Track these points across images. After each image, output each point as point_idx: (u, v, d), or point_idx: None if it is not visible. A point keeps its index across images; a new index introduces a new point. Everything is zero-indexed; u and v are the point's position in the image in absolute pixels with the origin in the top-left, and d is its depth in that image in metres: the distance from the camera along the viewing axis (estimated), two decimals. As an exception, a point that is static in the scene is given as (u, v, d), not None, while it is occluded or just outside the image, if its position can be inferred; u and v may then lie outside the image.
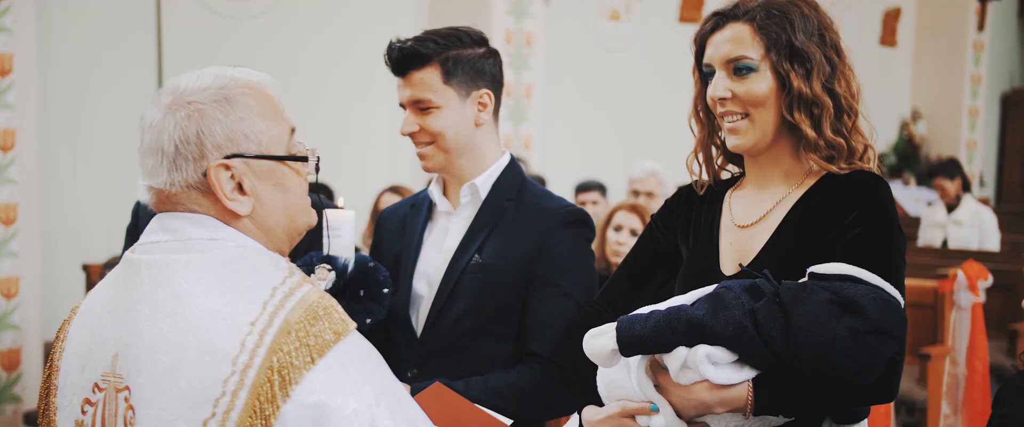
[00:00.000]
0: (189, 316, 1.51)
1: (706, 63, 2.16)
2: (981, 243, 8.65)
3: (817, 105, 2.10)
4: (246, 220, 1.63)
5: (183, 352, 1.50)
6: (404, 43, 2.50)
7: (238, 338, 1.49)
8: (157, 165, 1.60)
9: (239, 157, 1.60)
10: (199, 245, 1.58)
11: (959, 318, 5.72)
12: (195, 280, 1.54)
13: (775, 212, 2.16)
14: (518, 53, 8.08)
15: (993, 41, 13.83)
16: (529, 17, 8.05)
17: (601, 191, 6.82)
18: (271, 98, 1.68)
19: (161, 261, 1.57)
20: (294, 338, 1.49)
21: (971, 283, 5.68)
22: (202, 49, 6.59)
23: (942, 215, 8.89)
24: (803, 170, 2.18)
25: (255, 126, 1.62)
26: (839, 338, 1.81)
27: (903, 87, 13.63)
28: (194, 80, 1.64)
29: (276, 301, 1.52)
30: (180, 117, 1.59)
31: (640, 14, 9.73)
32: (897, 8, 13.23)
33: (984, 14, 13.46)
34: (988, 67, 13.76)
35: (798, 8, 2.11)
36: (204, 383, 1.48)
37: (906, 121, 13.54)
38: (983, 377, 5.72)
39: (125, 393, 1.55)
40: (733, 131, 2.14)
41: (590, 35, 9.37)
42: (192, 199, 1.61)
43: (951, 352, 5.74)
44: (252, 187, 1.62)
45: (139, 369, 1.53)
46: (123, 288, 1.61)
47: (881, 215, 2.05)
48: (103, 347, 1.60)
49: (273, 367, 1.47)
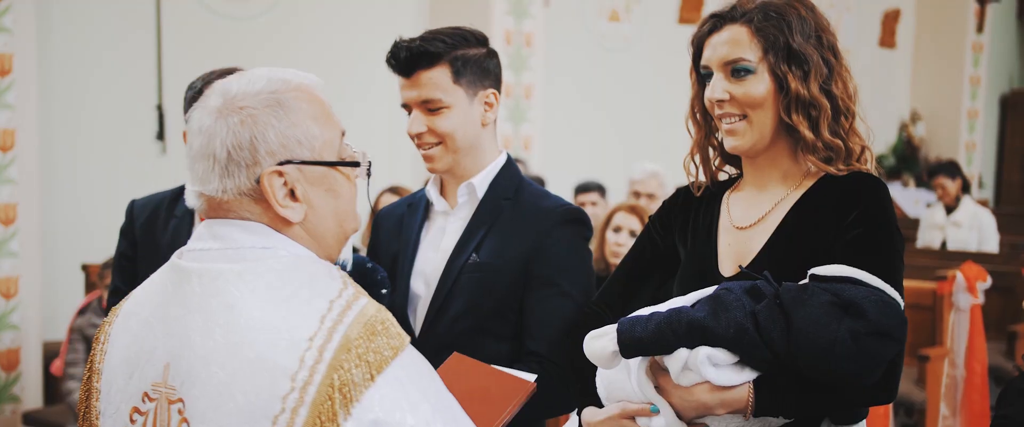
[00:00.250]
0: (243, 328, 1.49)
1: (704, 65, 2.17)
2: (980, 245, 8.66)
3: (815, 107, 2.10)
4: (297, 227, 1.60)
5: (239, 366, 1.47)
6: (412, 43, 2.48)
7: (297, 354, 1.46)
8: (208, 171, 1.56)
9: (292, 163, 1.57)
10: (251, 254, 1.55)
11: (958, 320, 5.73)
12: (249, 291, 1.51)
13: (773, 213, 2.17)
14: (518, 53, 8.09)
15: (992, 43, 13.84)
16: (529, 18, 8.06)
17: (600, 192, 6.82)
18: (322, 101, 1.65)
19: (213, 270, 1.54)
20: (354, 355, 1.46)
21: (970, 285, 5.69)
22: (202, 49, 6.60)
23: (941, 217, 8.90)
24: (801, 171, 2.18)
25: (308, 131, 1.59)
26: (840, 340, 1.82)
27: (902, 88, 13.64)
28: (245, 83, 1.60)
29: (334, 315, 1.50)
30: (233, 122, 1.55)
31: (640, 15, 9.73)
32: (896, 9, 13.24)
33: (983, 16, 13.47)
34: (987, 69, 13.76)
35: (795, 9, 2.11)
36: (261, 398, 1.45)
37: (905, 122, 13.54)
38: (982, 378, 5.73)
39: (178, 405, 1.52)
40: (731, 132, 2.14)
41: (590, 36, 9.37)
42: (243, 206, 1.58)
43: (950, 353, 5.75)
44: (304, 193, 1.59)
45: (193, 381, 1.51)
46: (173, 296, 1.58)
47: (880, 216, 2.06)
48: (153, 356, 1.57)
49: (334, 385, 1.44)
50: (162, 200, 3.11)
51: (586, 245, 2.61)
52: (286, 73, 1.65)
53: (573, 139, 9.00)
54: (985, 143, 14.21)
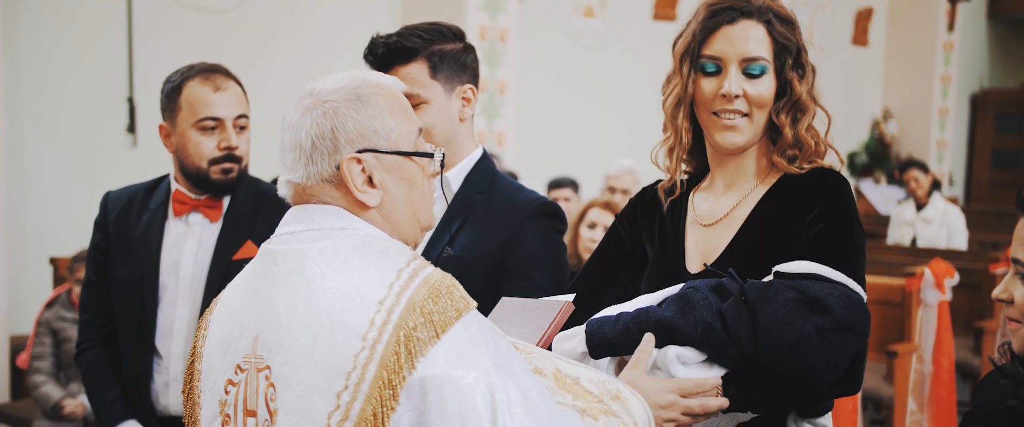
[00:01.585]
0: (321, 299, 1.61)
1: (714, 56, 2.12)
2: (949, 242, 8.74)
3: (803, 109, 2.14)
4: (374, 211, 1.73)
5: (317, 331, 1.60)
6: (389, 38, 2.49)
7: (367, 316, 1.58)
8: (296, 161, 1.72)
9: (370, 152, 1.71)
10: (330, 234, 1.69)
11: (926, 316, 5.79)
12: (327, 266, 1.64)
13: (738, 210, 2.18)
14: (492, 49, 8.09)
15: (962, 42, 13.96)
16: (503, 13, 8.06)
17: (573, 187, 6.84)
18: (401, 98, 1.78)
19: (296, 250, 1.68)
20: (419, 314, 1.58)
21: (938, 281, 5.75)
22: (174, 43, 6.55)
23: (911, 213, 8.97)
24: (766, 168, 2.20)
25: (385, 123, 1.72)
26: (806, 337, 1.84)
27: (875, 86, 13.74)
28: (330, 82, 1.75)
29: (402, 282, 1.62)
30: (316, 115, 1.70)
31: (614, 11, 9.75)
32: (869, 8, 13.33)
33: (954, 15, 13.59)
34: (958, 67, 13.89)
35: (792, 14, 2.16)
36: (337, 358, 1.58)
37: (877, 120, 13.64)
38: (949, 374, 5.79)
39: (266, 372, 1.66)
40: (731, 128, 2.13)
41: (564, 31, 9.38)
42: (325, 192, 1.72)
43: (918, 349, 5.80)
44: (381, 180, 1.72)
45: (278, 349, 1.64)
46: (262, 276, 1.72)
47: (842, 211, 2.08)
48: (244, 331, 1.71)
49: (400, 341, 1.56)
50: (136, 192, 3.10)
51: (560, 238, 2.62)
52: (368, 73, 1.79)
53: (547, 135, 9.01)
54: (955, 141, 14.33)
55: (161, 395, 2.99)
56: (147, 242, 3.00)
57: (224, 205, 3.04)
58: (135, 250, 3.01)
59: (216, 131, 2.94)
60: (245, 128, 3.01)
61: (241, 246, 3.00)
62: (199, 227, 3.02)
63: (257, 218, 3.04)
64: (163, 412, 3.00)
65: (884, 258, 7.77)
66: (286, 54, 7.24)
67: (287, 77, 7.20)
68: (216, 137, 2.94)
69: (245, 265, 2.89)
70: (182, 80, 2.95)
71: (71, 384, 5.02)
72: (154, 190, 3.09)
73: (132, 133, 6.50)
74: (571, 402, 1.74)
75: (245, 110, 3.00)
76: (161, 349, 2.98)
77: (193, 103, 2.92)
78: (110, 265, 3.04)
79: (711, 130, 2.17)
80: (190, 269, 2.99)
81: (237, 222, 3.03)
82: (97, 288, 3.08)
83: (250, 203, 3.06)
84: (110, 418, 3.01)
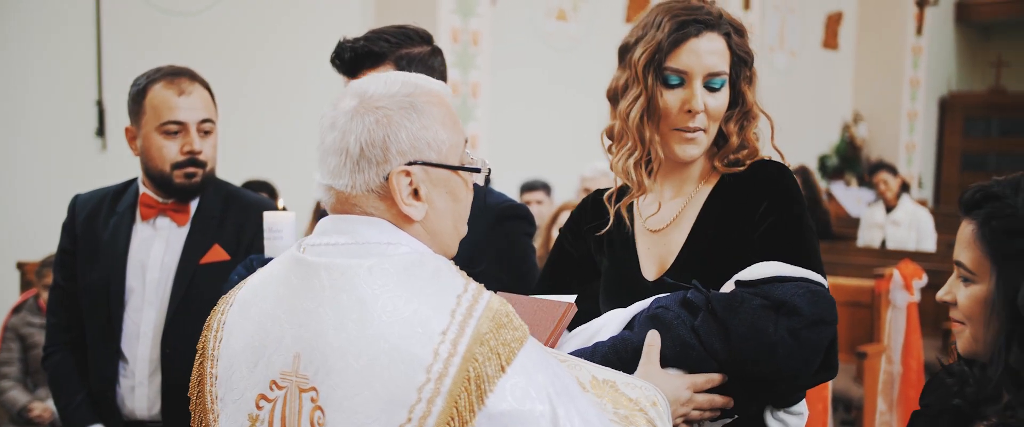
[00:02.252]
0: (377, 322, 1.55)
1: (680, 69, 2.10)
2: (918, 243, 8.81)
3: (752, 118, 2.18)
4: (417, 225, 1.68)
5: (375, 357, 1.53)
6: (356, 42, 2.49)
7: (431, 347, 1.52)
8: (340, 166, 1.64)
9: (419, 164, 1.65)
10: (377, 249, 1.63)
11: (895, 317, 5.82)
12: (380, 286, 1.58)
13: (686, 213, 2.19)
14: (465, 52, 8.08)
15: (931, 46, 14.08)
16: (475, 16, 8.06)
17: (546, 190, 6.85)
18: (450, 107, 1.72)
19: (341, 265, 1.61)
20: (487, 348, 1.54)
21: (906, 282, 5.79)
22: (143, 44, 6.51)
23: (881, 216, 9.04)
24: (708, 170, 2.22)
25: (437, 135, 1.66)
26: (781, 341, 1.85)
27: (845, 89, 13.83)
28: (382, 85, 1.67)
29: (463, 309, 1.57)
30: (368, 121, 1.63)
31: (587, 14, 9.77)
32: (839, 12, 13.42)
33: (922, 19, 13.70)
34: (926, 71, 14.00)
35: (742, 23, 2.17)
36: (399, 389, 1.52)
37: (848, 123, 13.73)
38: (918, 375, 5.83)
39: (311, 394, 1.59)
40: (692, 142, 2.13)
41: (537, 34, 9.38)
42: (369, 202, 1.66)
43: (887, 350, 5.84)
44: (427, 194, 1.67)
45: (327, 371, 1.57)
46: (301, 289, 1.64)
47: (788, 202, 2.10)
48: (280, 345, 1.63)
49: (470, 377, 1.52)
50: (105, 196, 3.09)
51: (529, 241, 2.63)
52: (420, 78, 1.72)
53: (520, 138, 9.01)
54: (924, 144, 14.45)
55: (127, 399, 2.97)
56: (114, 246, 2.99)
57: (192, 209, 3.03)
58: (102, 254, 2.99)
59: (180, 135, 2.93)
60: (211, 132, 2.99)
61: (208, 250, 2.99)
62: (166, 231, 3.01)
63: (225, 222, 3.04)
64: (129, 416, 2.99)
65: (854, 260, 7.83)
66: (258, 57, 7.21)
67: (259, 80, 7.18)
68: (179, 141, 2.93)
69: (213, 269, 2.94)
70: (147, 83, 2.94)
71: (39, 389, 4.98)
72: (122, 194, 3.08)
73: (101, 136, 6.45)
74: (613, 411, 1.73)
75: (211, 114, 2.98)
76: (127, 353, 2.97)
77: (157, 107, 2.91)
78: (78, 268, 3.03)
79: (671, 142, 2.14)
80: (157, 273, 2.98)
81: (205, 226, 3.02)
82: (64, 292, 3.06)
83: (218, 207, 3.05)
84: (76, 421, 3.00)
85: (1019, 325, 1.73)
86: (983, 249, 1.78)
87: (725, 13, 2.15)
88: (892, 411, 5.75)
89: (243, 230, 3.03)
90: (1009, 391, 1.75)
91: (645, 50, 2.10)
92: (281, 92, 7.33)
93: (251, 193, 3.25)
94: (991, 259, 1.77)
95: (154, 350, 2.95)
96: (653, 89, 2.11)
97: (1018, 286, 1.72)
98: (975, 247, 1.80)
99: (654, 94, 2.11)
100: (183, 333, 2.90)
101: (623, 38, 2.21)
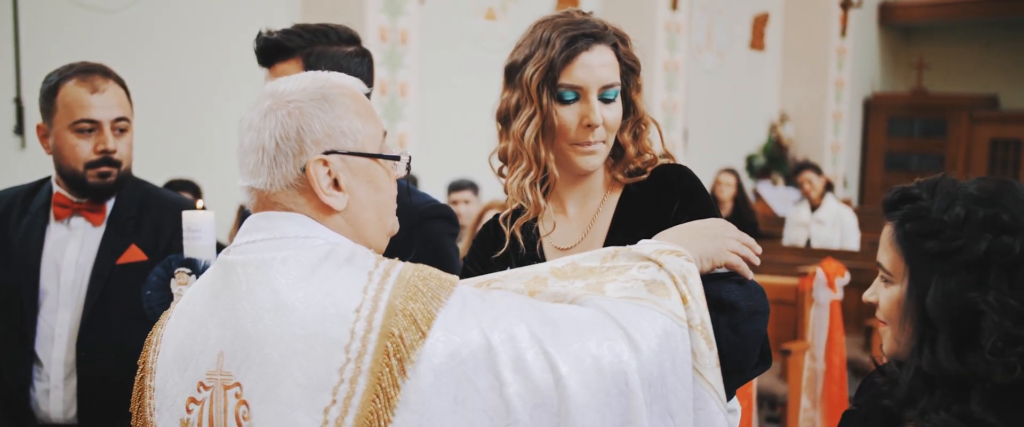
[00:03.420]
0: (292, 310, 1.55)
1: (575, 85, 2.08)
2: (842, 242, 8.95)
3: (645, 125, 2.19)
4: (339, 217, 1.68)
5: (292, 345, 1.54)
6: (271, 35, 2.51)
7: (347, 327, 1.53)
8: (258, 164, 1.66)
9: (336, 153, 1.65)
10: (295, 242, 1.63)
11: (818, 315, 5.90)
12: (295, 276, 1.58)
13: (596, 227, 2.20)
14: (393, 51, 8.03)
15: (855, 47, 14.34)
16: (404, 15, 8.01)
17: (474, 190, 6.84)
18: (365, 100, 1.74)
19: (257, 260, 1.62)
20: (402, 317, 1.53)
21: (829, 281, 5.87)
22: (63, 42, 6.36)
23: (806, 215, 9.17)
24: (610, 182, 2.22)
25: (352, 124, 1.67)
26: (724, 338, 1.85)
27: (772, 90, 14.01)
28: (294, 83, 1.69)
29: (375, 285, 1.57)
30: (281, 115, 1.64)
31: (516, 14, 9.77)
32: (765, 13, 13.60)
33: (846, 21, 13.94)
34: (851, 72, 14.25)
35: (623, 31, 2.17)
36: (319, 373, 1.52)
37: (774, 123, 13.91)
38: (840, 372, 5.91)
39: (236, 389, 1.59)
40: (593, 153, 2.13)
41: (466, 34, 9.37)
42: (289, 197, 1.66)
43: (810, 348, 5.92)
44: (347, 183, 1.67)
45: (249, 365, 1.57)
46: (222, 289, 1.65)
47: (700, 200, 2.13)
48: (206, 346, 1.64)
49: (388, 351, 1.51)
50: (17, 195, 3.02)
51: (453, 241, 2.64)
52: (331, 74, 1.74)
53: (449, 137, 8.99)
54: (849, 144, 14.70)
55: (42, 402, 2.91)
56: (27, 246, 2.92)
57: (108, 208, 2.97)
58: (15, 254, 2.92)
59: (93, 134, 2.87)
60: (126, 131, 2.93)
61: (125, 250, 2.94)
62: (81, 231, 2.95)
63: (143, 221, 2.98)
64: (44, 419, 2.92)
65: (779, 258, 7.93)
66: (181, 55, 7.09)
67: (183, 78, 7.06)
68: (93, 140, 2.87)
69: (129, 269, 2.88)
70: (59, 80, 2.87)
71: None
72: (36, 192, 3.01)
73: (20, 135, 6.30)
74: (582, 286, 1.71)
75: (126, 112, 2.93)
76: (41, 356, 2.90)
77: (69, 104, 2.84)
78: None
79: (571, 156, 2.13)
80: (72, 274, 2.92)
81: (121, 226, 2.96)
82: None
83: (135, 206, 2.99)
84: (-13, 427, 2.93)
85: (929, 328, 1.73)
86: (898, 250, 1.79)
87: (609, 24, 2.15)
88: (816, 408, 5.83)
89: (161, 230, 2.98)
90: (922, 394, 1.75)
91: (537, 68, 2.08)
92: (205, 90, 7.22)
93: (170, 192, 3.20)
94: (905, 260, 1.78)
95: (69, 353, 2.89)
96: (548, 107, 2.09)
97: (928, 288, 1.73)
98: (892, 248, 1.81)
99: (549, 112, 2.09)
100: (99, 335, 2.85)
101: (509, 57, 2.18)
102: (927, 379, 1.74)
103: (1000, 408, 1.68)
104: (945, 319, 1.71)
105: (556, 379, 1.53)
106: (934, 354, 1.72)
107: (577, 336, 1.57)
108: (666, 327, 1.64)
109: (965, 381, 1.71)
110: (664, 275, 1.71)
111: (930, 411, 1.73)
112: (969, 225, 1.72)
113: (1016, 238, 1.70)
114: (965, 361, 1.70)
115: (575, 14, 2.14)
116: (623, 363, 1.57)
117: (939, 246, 1.73)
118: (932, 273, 1.73)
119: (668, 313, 1.66)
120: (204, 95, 7.23)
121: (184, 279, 2.41)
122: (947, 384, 1.73)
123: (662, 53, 10.45)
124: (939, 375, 1.72)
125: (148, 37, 6.90)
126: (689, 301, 1.69)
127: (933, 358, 1.72)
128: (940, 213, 1.75)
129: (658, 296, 1.68)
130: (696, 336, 1.69)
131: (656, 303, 1.67)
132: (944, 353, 1.71)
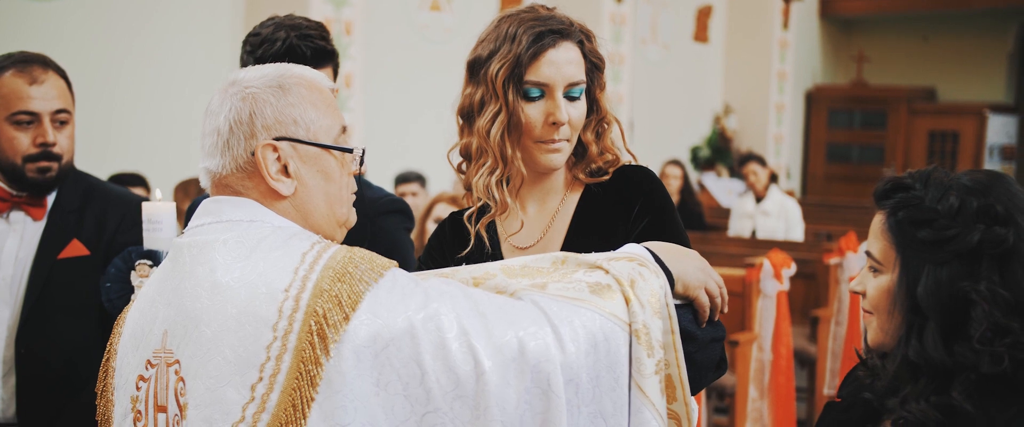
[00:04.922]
0: (226, 288, 1.58)
1: (541, 82, 2.05)
2: (787, 233, 9.03)
3: (608, 124, 2.17)
4: (287, 203, 1.70)
5: (223, 322, 1.57)
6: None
7: (275, 306, 1.55)
8: (213, 146, 1.70)
9: (287, 140, 1.68)
10: (239, 226, 1.66)
11: (765, 305, 5.95)
12: (233, 257, 1.61)
13: (555, 227, 2.17)
14: (337, 42, 7.89)
15: (797, 40, 14.51)
16: (348, 6, 7.93)
17: (420, 182, 6.81)
18: (326, 93, 1.76)
19: (201, 241, 1.66)
20: (327, 298, 1.54)
21: (776, 271, 5.91)
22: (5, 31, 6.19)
23: (751, 206, 9.23)
24: (570, 181, 2.20)
25: (305, 113, 1.70)
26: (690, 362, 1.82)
27: (716, 82, 14.12)
28: (255, 71, 1.73)
29: (306, 266, 1.59)
30: (235, 100, 1.69)
31: (461, 5, 9.73)
32: (709, 6, 13.69)
33: (788, 14, 14.10)
34: (793, 64, 14.42)
35: (588, 28, 2.14)
36: (248, 350, 1.55)
37: (718, 115, 14.03)
38: (787, 362, 5.97)
39: (175, 366, 1.63)
40: (557, 151, 2.10)
41: (411, 25, 9.31)
42: (239, 181, 1.69)
43: (758, 338, 5.96)
44: (297, 170, 1.69)
45: (186, 342, 1.61)
46: (171, 271, 1.69)
47: (661, 203, 2.12)
48: (154, 326, 1.68)
49: (312, 330, 1.53)
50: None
51: (408, 235, 2.64)
52: (295, 66, 1.78)
53: (395, 129, 8.93)
54: (791, 135, 14.88)
55: (-17, 399, 2.83)
56: None
57: (49, 202, 2.89)
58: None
59: (32, 126, 2.79)
60: (67, 123, 2.85)
61: (67, 245, 2.86)
62: (21, 225, 2.87)
63: (85, 215, 2.91)
64: (-13, 416, 2.85)
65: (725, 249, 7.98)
66: (122, 46, 6.95)
67: (124, 70, 6.93)
68: (32, 132, 2.78)
69: (71, 264, 2.81)
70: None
71: None
72: None
73: (-48, 127, 6.14)
74: (527, 283, 1.69)
75: (67, 104, 2.84)
76: (-19, 352, 2.82)
77: (6, 96, 2.76)
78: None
79: (535, 154, 2.10)
80: (11, 269, 2.84)
81: (62, 220, 2.88)
82: None
83: (77, 200, 2.92)
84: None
85: (918, 317, 1.74)
86: (890, 239, 1.80)
87: (574, 20, 2.12)
88: (763, 398, 5.88)
89: (104, 224, 2.92)
90: (906, 383, 1.76)
91: (503, 65, 2.05)
92: (150, 82, 7.09)
93: (113, 185, 3.13)
94: (896, 249, 1.79)
95: (8, 350, 2.82)
96: (514, 104, 2.06)
97: (919, 277, 1.74)
98: (883, 237, 1.82)
99: (515, 109, 2.06)
100: (39, 331, 2.79)
101: (472, 52, 2.14)
102: (912, 368, 1.76)
103: (980, 399, 1.70)
104: (935, 308, 1.72)
105: (478, 373, 1.52)
106: (922, 343, 1.73)
107: (506, 325, 1.56)
108: (604, 328, 1.62)
109: (950, 372, 1.72)
110: (610, 279, 1.68)
111: (911, 401, 1.74)
112: (963, 215, 1.73)
113: (1009, 229, 1.72)
114: (952, 350, 1.71)
115: (540, 9, 2.11)
116: (548, 360, 1.56)
117: (932, 235, 1.74)
118: (924, 262, 1.75)
119: (608, 315, 1.64)
120: (149, 87, 7.10)
121: (145, 271, 2.39)
122: (932, 374, 1.74)
123: (607, 45, 10.47)
124: (925, 364, 1.73)
125: (92, 27, 6.77)
126: (632, 303, 1.66)
127: (920, 347, 1.73)
128: (934, 202, 1.76)
129: (601, 298, 1.66)
130: (635, 342, 1.66)
131: (596, 304, 1.64)
132: (932, 342, 1.72)
